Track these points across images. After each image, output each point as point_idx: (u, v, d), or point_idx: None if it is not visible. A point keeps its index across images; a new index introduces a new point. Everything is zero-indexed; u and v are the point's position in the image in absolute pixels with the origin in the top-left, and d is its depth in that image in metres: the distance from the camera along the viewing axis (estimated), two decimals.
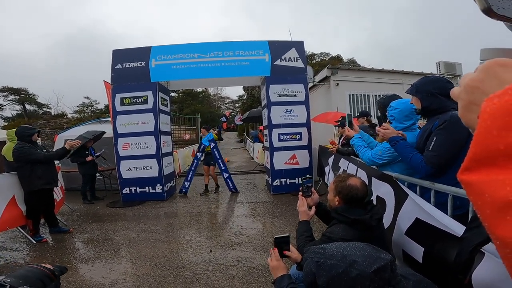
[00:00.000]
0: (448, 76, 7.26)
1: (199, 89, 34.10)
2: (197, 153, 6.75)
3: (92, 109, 29.26)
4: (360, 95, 8.24)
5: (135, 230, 4.31)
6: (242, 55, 6.19)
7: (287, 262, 1.52)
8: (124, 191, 6.07)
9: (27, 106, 26.75)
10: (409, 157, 1.87)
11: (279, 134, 6.13)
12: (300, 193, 1.90)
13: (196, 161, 6.71)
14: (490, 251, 1.04)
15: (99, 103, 29.12)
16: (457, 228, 1.37)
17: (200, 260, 3.18)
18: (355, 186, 1.57)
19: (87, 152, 6.09)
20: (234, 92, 51.74)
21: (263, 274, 2.82)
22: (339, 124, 4.72)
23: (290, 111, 6.16)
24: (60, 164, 5.11)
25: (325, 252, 0.96)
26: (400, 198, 1.98)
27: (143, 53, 6.16)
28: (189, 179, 6.58)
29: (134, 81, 6.06)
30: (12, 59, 39.77)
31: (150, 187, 6.07)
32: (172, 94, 24.50)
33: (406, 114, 2.17)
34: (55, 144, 7.67)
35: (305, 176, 1.99)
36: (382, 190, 2.27)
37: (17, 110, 26.42)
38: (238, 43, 6.34)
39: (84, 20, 63.80)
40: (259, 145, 11.45)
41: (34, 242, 3.88)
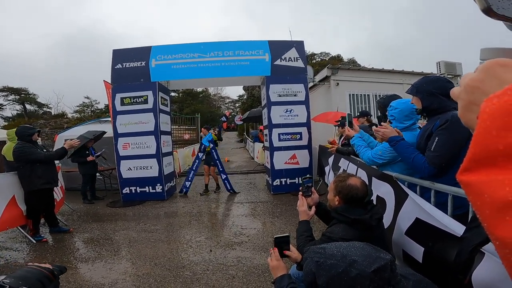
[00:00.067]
0: (448, 76, 7.25)
1: (199, 89, 34.15)
2: (198, 153, 6.76)
3: (92, 109, 29.25)
4: (360, 95, 8.24)
5: (135, 230, 4.31)
6: (242, 55, 6.19)
7: (287, 262, 1.52)
8: (124, 191, 6.07)
9: (27, 106, 26.75)
10: (411, 158, 1.86)
11: (279, 134, 6.13)
12: (300, 193, 1.90)
13: (197, 161, 6.72)
14: (490, 251, 1.04)
15: (99, 103, 29.17)
16: (457, 228, 1.37)
17: (200, 260, 3.18)
18: (355, 186, 1.57)
19: (88, 152, 6.09)
20: (234, 92, 51.80)
21: (263, 274, 2.82)
22: (339, 124, 4.72)
23: (290, 111, 6.16)
24: (60, 164, 5.11)
25: (325, 251, 0.96)
26: (400, 198, 1.97)
27: (143, 53, 6.16)
28: (190, 178, 6.58)
29: (134, 81, 6.07)
30: (12, 59, 39.81)
31: (150, 187, 6.07)
32: (172, 94, 24.51)
33: (406, 114, 2.17)
34: (55, 144, 7.67)
35: (305, 176, 1.99)
36: (382, 190, 2.27)
37: (17, 110, 26.45)
38: (238, 43, 6.33)
39: (84, 20, 63.87)
40: (259, 145, 11.44)
41: (34, 241, 3.88)
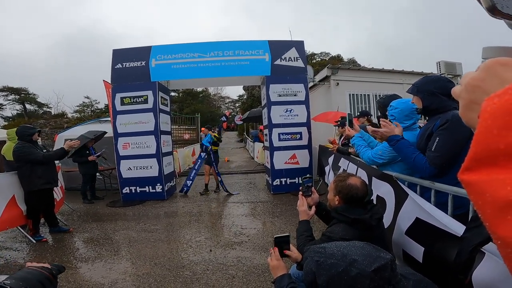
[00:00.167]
0: (448, 76, 7.25)
1: (199, 89, 34.18)
2: (201, 153, 6.76)
3: (92, 109, 29.27)
4: (360, 94, 8.24)
5: (135, 229, 4.31)
6: (242, 55, 6.19)
7: (287, 262, 1.52)
8: (124, 191, 6.07)
9: (27, 106, 26.78)
10: (412, 158, 1.84)
11: (279, 134, 6.13)
12: (300, 193, 1.90)
13: (199, 161, 6.72)
14: (491, 251, 1.04)
15: (99, 102, 29.19)
16: (457, 228, 1.36)
17: (200, 260, 3.18)
18: (355, 185, 1.57)
19: (88, 152, 6.09)
20: (234, 91, 51.86)
21: (263, 273, 2.82)
22: (338, 124, 4.72)
23: (290, 111, 6.16)
24: (60, 164, 5.11)
25: (325, 251, 0.95)
26: (400, 198, 1.97)
27: (143, 52, 6.16)
28: (191, 178, 6.59)
29: (134, 81, 6.06)
30: (12, 59, 39.85)
31: (150, 187, 6.07)
32: (172, 93, 24.53)
33: (407, 113, 2.17)
34: (55, 143, 7.67)
35: (305, 175, 1.99)
36: (382, 189, 2.26)
37: (17, 110, 26.47)
38: (238, 42, 6.33)
39: (84, 20, 63.91)
40: (259, 145, 11.44)
41: (34, 241, 3.88)
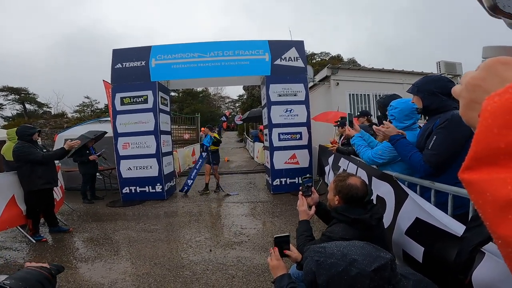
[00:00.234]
0: (448, 76, 7.25)
1: (199, 89, 34.20)
2: (202, 153, 6.77)
3: (92, 109, 29.28)
4: (360, 94, 8.24)
5: (135, 229, 4.31)
6: (242, 55, 6.18)
7: (287, 262, 1.52)
8: (124, 191, 6.07)
9: (27, 106, 26.77)
10: (409, 156, 1.87)
11: (279, 134, 6.13)
12: (300, 193, 1.89)
13: (201, 160, 6.72)
14: (491, 251, 1.04)
15: (99, 102, 29.19)
16: (457, 228, 1.36)
17: (200, 260, 3.18)
18: (355, 185, 1.57)
19: (88, 152, 6.09)
20: (234, 91, 51.91)
21: (263, 273, 2.82)
22: (338, 124, 4.72)
23: (290, 111, 6.16)
24: (60, 164, 5.11)
25: (325, 251, 0.95)
26: (400, 198, 1.97)
27: (143, 52, 6.16)
28: (192, 177, 6.60)
29: (134, 81, 6.06)
30: (12, 59, 39.80)
31: (150, 187, 6.07)
32: (172, 93, 24.53)
33: (407, 113, 2.17)
34: (55, 143, 7.67)
35: (305, 175, 1.99)
36: (382, 189, 2.26)
37: (17, 110, 26.47)
38: (238, 42, 6.33)
39: (84, 20, 63.86)
40: (259, 145, 11.44)
41: (34, 241, 3.88)
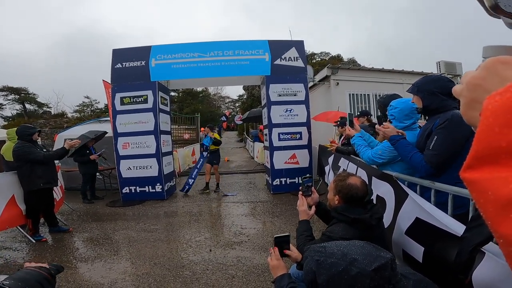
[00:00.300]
0: (448, 76, 7.25)
1: (199, 89, 34.14)
2: (203, 152, 6.77)
3: (92, 109, 29.25)
4: (360, 94, 8.25)
5: (135, 229, 4.31)
6: (242, 55, 6.18)
7: (287, 262, 1.52)
8: (124, 191, 6.07)
9: (27, 106, 26.75)
10: (409, 156, 1.87)
11: (279, 134, 6.13)
12: (300, 193, 1.89)
13: (202, 160, 6.72)
14: (491, 250, 1.04)
15: (99, 102, 29.15)
16: (458, 228, 1.36)
17: (199, 260, 3.17)
18: (355, 185, 1.57)
19: (88, 152, 6.09)
20: (234, 91, 51.92)
21: (262, 273, 2.82)
22: (338, 124, 4.72)
23: (290, 111, 6.16)
24: (60, 164, 5.11)
25: (325, 250, 0.95)
26: (400, 198, 1.97)
27: (143, 52, 6.15)
28: (193, 176, 6.60)
29: (134, 81, 6.06)
30: (12, 59, 39.76)
31: (150, 187, 6.07)
32: (172, 93, 24.50)
33: (406, 113, 2.17)
34: (55, 143, 7.66)
35: (305, 175, 1.99)
36: (382, 189, 2.26)
37: (17, 110, 26.45)
38: (238, 42, 6.33)
39: (84, 20, 63.92)
40: (259, 145, 11.44)
41: (34, 241, 3.87)
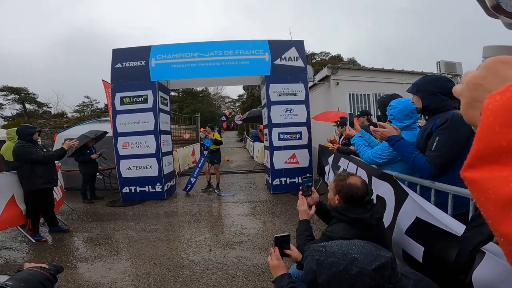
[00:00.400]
0: (448, 76, 7.25)
1: (199, 89, 34.11)
2: (203, 152, 6.78)
3: (92, 109, 29.23)
4: (360, 94, 8.25)
5: (135, 229, 4.31)
6: (242, 54, 6.18)
7: (287, 262, 1.52)
8: (124, 191, 6.07)
9: (27, 105, 26.73)
10: (412, 157, 1.84)
11: (279, 134, 6.13)
12: (300, 192, 1.89)
13: (203, 159, 6.73)
14: (491, 250, 1.04)
15: (99, 102, 29.11)
16: (458, 228, 1.36)
17: (199, 260, 3.18)
18: (355, 185, 1.57)
19: (89, 151, 6.09)
20: (234, 91, 51.94)
21: (263, 273, 2.82)
22: (338, 124, 4.72)
23: (290, 110, 6.16)
24: (60, 163, 5.10)
25: (325, 250, 0.95)
26: (400, 197, 1.97)
27: (143, 52, 6.15)
28: (195, 175, 6.61)
29: (134, 80, 6.06)
30: (12, 59, 39.70)
31: (150, 187, 6.07)
32: (172, 93, 24.42)
33: (406, 113, 2.17)
34: (55, 143, 7.67)
35: (305, 175, 1.99)
36: (382, 189, 2.26)
37: (17, 109, 26.41)
38: (238, 42, 6.33)
39: (84, 20, 63.86)
40: (259, 145, 11.44)
41: (34, 241, 3.87)
